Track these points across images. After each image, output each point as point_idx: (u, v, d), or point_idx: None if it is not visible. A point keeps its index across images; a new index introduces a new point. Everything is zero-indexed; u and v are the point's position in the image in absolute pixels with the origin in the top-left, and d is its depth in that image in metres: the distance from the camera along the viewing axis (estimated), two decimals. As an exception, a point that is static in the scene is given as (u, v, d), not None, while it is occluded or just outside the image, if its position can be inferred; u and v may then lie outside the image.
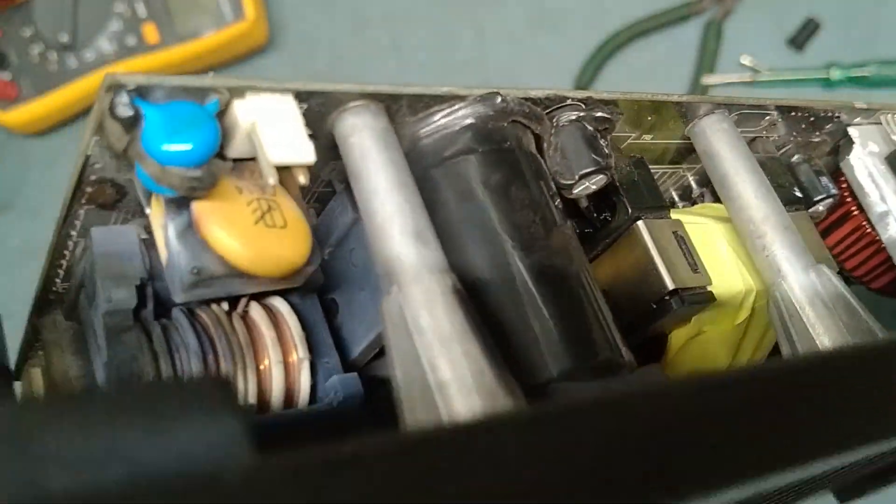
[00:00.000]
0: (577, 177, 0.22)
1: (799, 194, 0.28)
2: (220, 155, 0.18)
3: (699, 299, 0.23)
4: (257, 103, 0.18)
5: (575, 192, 0.22)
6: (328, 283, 0.22)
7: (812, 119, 0.29)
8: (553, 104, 0.22)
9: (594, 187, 0.23)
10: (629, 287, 0.24)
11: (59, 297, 0.22)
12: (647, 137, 0.26)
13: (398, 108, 0.20)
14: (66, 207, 0.19)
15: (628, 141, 0.26)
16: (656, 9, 0.69)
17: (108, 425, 0.11)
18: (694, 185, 0.29)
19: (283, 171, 0.18)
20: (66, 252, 0.21)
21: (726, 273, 0.25)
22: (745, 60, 0.67)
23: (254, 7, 0.63)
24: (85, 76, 0.62)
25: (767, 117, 0.27)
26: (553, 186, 0.22)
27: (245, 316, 0.20)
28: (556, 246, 0.20)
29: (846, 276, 0.33)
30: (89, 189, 0.19)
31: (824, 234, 0.33)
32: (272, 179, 0.18)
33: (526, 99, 0.22)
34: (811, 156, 0.30)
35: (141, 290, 0.19)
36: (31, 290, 0.29)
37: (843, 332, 0.23)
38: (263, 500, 0.10)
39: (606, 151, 0.23)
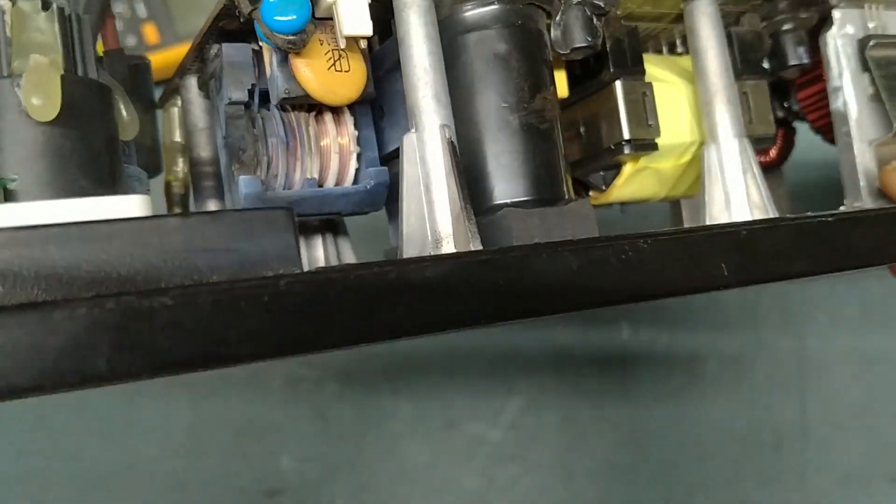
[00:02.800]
0: (569, 50, 0.30)
1: (766, 66, 0.35)
2: (312, 13, 0.27)
3: (645, 147, 0.32)
4: (339, -12, 0.26)
5: (568, 57, 0.30)
6: (380, 95, 0.31)
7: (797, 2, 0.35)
8: (564, -11, 0.30)
9: (583, 55, 0.31)
10: (598, 128, 0.33)
11: (198, 69, 0.31)
12: (648, 8, 0.33)
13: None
14: (210, 23, 0.28)
15: (632, 8, 0.33)
16: None
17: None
18: (679, 42, 0.36)
19: (352, 33, 0.27)
20: (206, 46, 0.30)
21: (679, 125, 0.33)
22: None
23: None
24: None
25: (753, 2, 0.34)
26: (549, 55, 0.30)
27: (319, 116, 0.30)
28: (535, 108, 0.28)
29: (813, 128, 0.41)
30: (223, 21, 0.28)
31: (801, 87, 0.40)
32: (342, 43, 0.26)
33: (541, -14, 0.29)
34: (798, 26, 0.37)
35: (251, 92, 0.29)
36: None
37: (739, 193, 0.31)
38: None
39: (598, 32, 0.30)
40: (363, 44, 0.27)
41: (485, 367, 0.65)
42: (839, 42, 0.36)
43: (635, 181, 0.34)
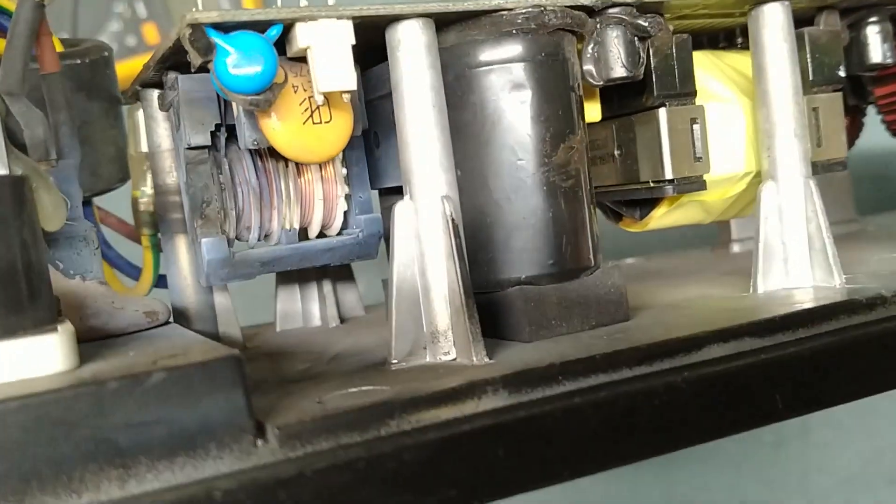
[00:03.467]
0: (603, 81, 0.24)
1: (842, 74, 0.29)
2: (282, 51, 0.22)
3: (692, 187, 0.27)
4: (316, 29, 0.21)
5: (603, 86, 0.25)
6: (374, 120, 0.26)
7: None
8: (602, 6, 0.24)
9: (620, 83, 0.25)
10: (636, 156, 0.27)
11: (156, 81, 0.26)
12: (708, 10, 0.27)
13: (449, 20, 0.23)
14: (161, 56, 0.23)
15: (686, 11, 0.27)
16: None
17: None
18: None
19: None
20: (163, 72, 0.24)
21: (732, 154, 0.28)
22: None
23: (253, 7, 0.61)
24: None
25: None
26: (579, 88, 0.24)
27: (298, 152, 0.25)
28: (558, 162, 0.23)
29: (889, 130, 0.35)
30: (175, 56, 0.22)
31: (878, 81, 0.34)
32: (319, 98, 0.21)
33: (573, 7, 0.23)
34: (883, 18, 0.30)
35: (215, 133, 0.24)
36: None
37: (799, 236, 0.26)
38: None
39: (641, 59, 0.25)
40: (346, 97, 0.22)
41: None
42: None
43: (676, 213, 0.29)
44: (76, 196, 0.24)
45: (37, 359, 0.17)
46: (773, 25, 0.26)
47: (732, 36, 0.31)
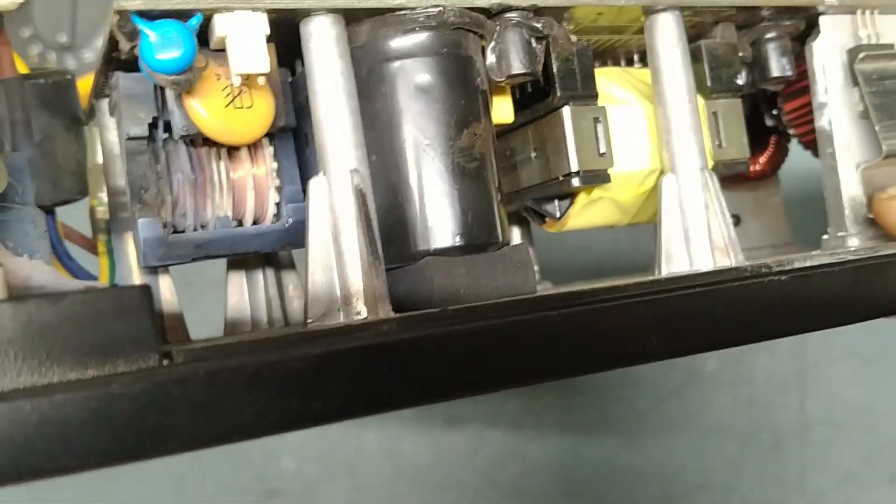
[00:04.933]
0: (505, 77, 0.27)
1: (740, 82, 0.32)
2: (206, 43, 0.24)
3: (596, 179, 0.29)
4: (232, 20, 0.23)
5: (504, 84, 0.28)
6: (303, 121, 0.28)
7: (780, 9, 0.32)
8: (499, 9, 0.27)
9: (522, 81, 0.28)
10: (546, 155, 0.30)
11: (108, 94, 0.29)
12: (604, 22, 0.30)
13: (358, 18, 0.25)
14: (104, 52, 0.26)
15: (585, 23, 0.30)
16: None
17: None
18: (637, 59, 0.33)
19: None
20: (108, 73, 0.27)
21: (637, 152, 0.30)
22: None
23: None
24: (84, 76, 0.55)
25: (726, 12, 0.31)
26: (483, 83, 0.27)
27: (234, 148, 0.27)
28: (462, 145, 0.26)
29: (801, 143, 0.37)
30: (115, 52, 0.25)
31: (787, 97, 0.36)
32: (236, 81, 0.24)
33: (472, 8, 0.26)
34: (782, 34, 0.33)
35: (153, 125, 0.26)
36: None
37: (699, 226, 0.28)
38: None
39: (538, 57, 0.27)
40: (261, 80, 0.24)
41: None
42: (826, 52, 0.32)
43: (591, 211, 0.31)
44: (27, 184, 0.27)
45: None
46: (666, 31, 0.29)
47: (645, 56, 0.34)
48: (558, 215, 0.31)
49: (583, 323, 0.21)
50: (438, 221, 0.26)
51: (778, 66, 0.33)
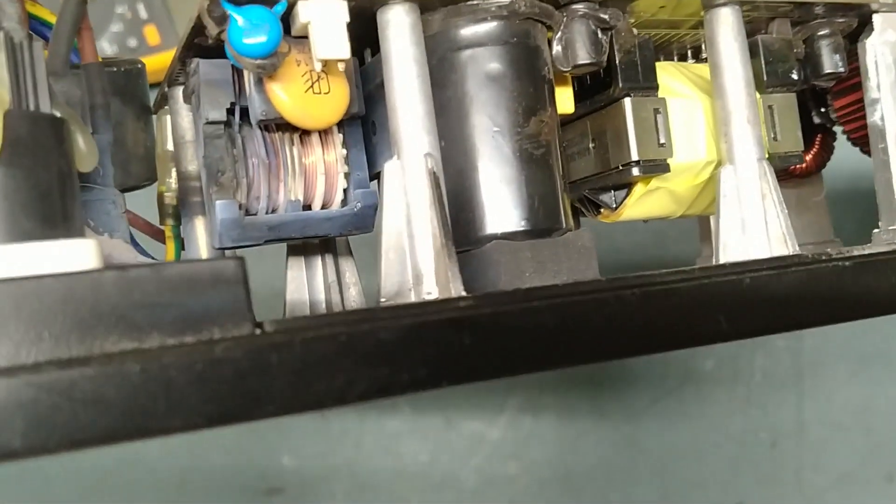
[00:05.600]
0: (571, 67, 0.28)
1: (795, 77, 0.32)
2: (288, 30, 0.25)
3: (656, 168, 0.30)
4: (315, 6, 0.24)
5: (572, 73, 0.28)
6: (371, 110, 0.29)
7: (835, 6, 0.32)
8: (567, 1, 0.27)
9: (587, 71, 0.28)
10: (607, 145, 0.30)
11: (184, 80, 0.30)
12: (664, 15, 0.31)
13: (433, 7, 0.26)
14: (185, 39, 0.27)
15: (646, 16, 0.30)
16: None
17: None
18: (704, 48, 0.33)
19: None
20: (186, 60, 0.28)
21: (696, 143, 0.31)
22: None
23: None
24: None
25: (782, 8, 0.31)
26: (549, 73, 0.28)
27: (305, 134, 0.28)
28: (529, 132, 0.26)
29: (850, 139, 0.38)
30: (198, 38, 0.26)
31: (837, 94, 0.37)
32: (318, 66, 0.25)
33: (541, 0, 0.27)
34: (835, 31, 0.34)
35: (231, 110, 0.27)
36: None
37: (758, 219, 0.29)
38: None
39: (603, 48, 0.28)
40: (341, 66, 0.25)
41: None
42: (879, 50, 0.33)
43: (647, 201, 0.31)
44: (108, 166, 0.28)
45: (71, 258, 0.20)
46: (726, 25, 0.30)
47: (698, 52, 0.35)
48: (614, 206, 0.32)
49: (657, 303, 0.22)
50: (505, 206, 0.26)
51: (831, 62, 0.33)
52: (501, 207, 0.26)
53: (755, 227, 0.29)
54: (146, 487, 0.64)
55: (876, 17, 0.33)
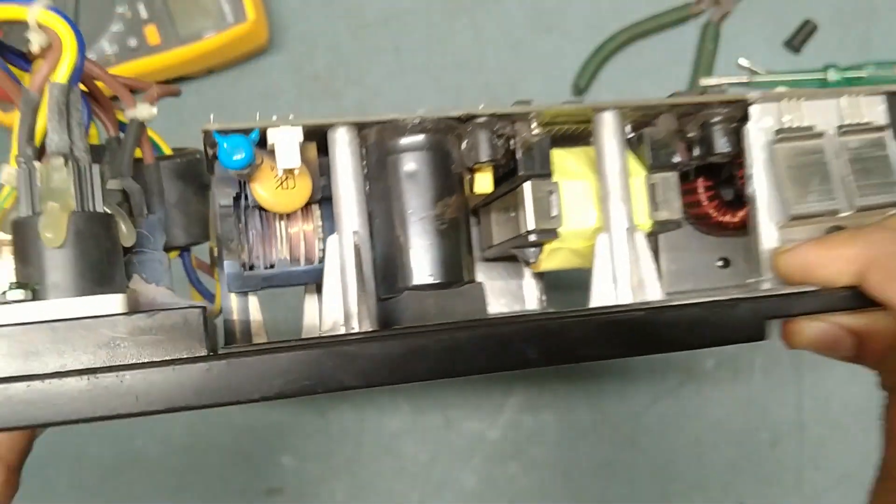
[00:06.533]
0: (474, 164, 0.38)
1: (675, 160, 0.41)
2: (264, 145, 0.37)
3: (548, 235, 0.39)
4: (278, 132, 0.36)
5: (476, 167, 0.39)
6: (342, 192, 0.40)
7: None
8: (467, 118, 0.38)
9: (489, 166, 0.39)
10: (517, 215, 0.40)
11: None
12: (563, 118, 0.40)
13: (368, 125, 0.37)
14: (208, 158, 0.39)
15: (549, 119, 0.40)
16: (654, 10, 0.68)
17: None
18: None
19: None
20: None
21: (586, 214, 0.40)
22: (743, 62, 0.66)
23: (255, 9, 0.61)
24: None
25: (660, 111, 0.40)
26: (458, 168, 0.38)
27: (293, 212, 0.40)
28: (437, 213, 0.37)
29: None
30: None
31: (739, 166, 0.45)
32: (281, 172, 0.36)
33: (448, 117, 0.37)
34: (723, 119, 0.42)
35: (237, 197, 0.39)
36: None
37: (626, 279, 0.38)
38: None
39: (499, 150, 0.38)
40: (296, 171, 0.36)
41: None
42: (754, 134, 0.41)
43: (556, 257, 0.41)
44: (158, 236, 0.40)
45: (108, 306, 0.33)
46: (608, 125, 0.39)
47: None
48: (532, 260, 0.42)
49: (489, 333, 0.32)
50: (417, 266, 0.37)
51: (719, 144, 0.42)
52: (415, 267, 0.37)
53: (622, 281, 0.38)
54: (146, 487, 0.64)
55: (752, 108, 0.41)
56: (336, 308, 0.36)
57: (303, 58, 0.68)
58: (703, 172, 0.45)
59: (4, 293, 0.32)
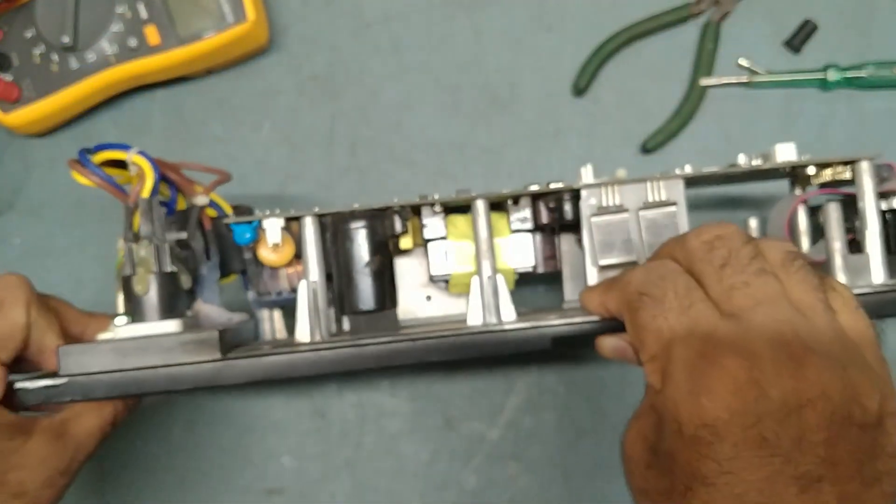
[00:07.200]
0: (392, 234, 0.61)
1: (528, 226, 0.63)
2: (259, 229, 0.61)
3: (441, 279, 0.62)
4: (268, 222, 0.60)
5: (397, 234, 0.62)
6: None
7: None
8: (387, 208, 0.61)
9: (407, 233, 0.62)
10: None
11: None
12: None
13: (327, 214, 0.61)
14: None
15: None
16: (655, 10, 0.67)
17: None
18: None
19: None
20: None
21: (466, 265, 0.62)
22: (743, 62, 0.66)
23: (255, 9, 0.60)
24: (86, 77, 0.59)
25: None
26: (386, 235, 0.61)
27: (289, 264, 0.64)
28: (370, 264, 0.60)
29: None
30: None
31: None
32: (271, 244, 0.60)
33: (373, 209, 0.60)
34: (562, 199, 0.63)
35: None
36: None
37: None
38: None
39: (408, 224, 0.61)
40: (281, 242, 0.60)
41: (483, 366, 0.68)
42: (583, 209, 0.62)
43: (457, 286, 0.64)
44: (212, 277, 0.65)
45: (170, 327, 0.58)
46: (478, 208, 0.61)
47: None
48: (445, 287, 0.64)
49: (392, 342, 0.55)
50: (358, 298, 0.61)
51: (566, 212, 0.63)
52: (357, 299, 0.61)
53: (489, 307, 0.61)
54: (146, 487, 0.65)
55: (582, 192, 0.62)
56: (303, 328, 0.60)
57: (303, 58, 0.67)
58: (567, 230, 0.66)
59: (115, 319, 0.58)
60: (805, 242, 0.64)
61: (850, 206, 0.59)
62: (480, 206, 0.61)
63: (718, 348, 0.38)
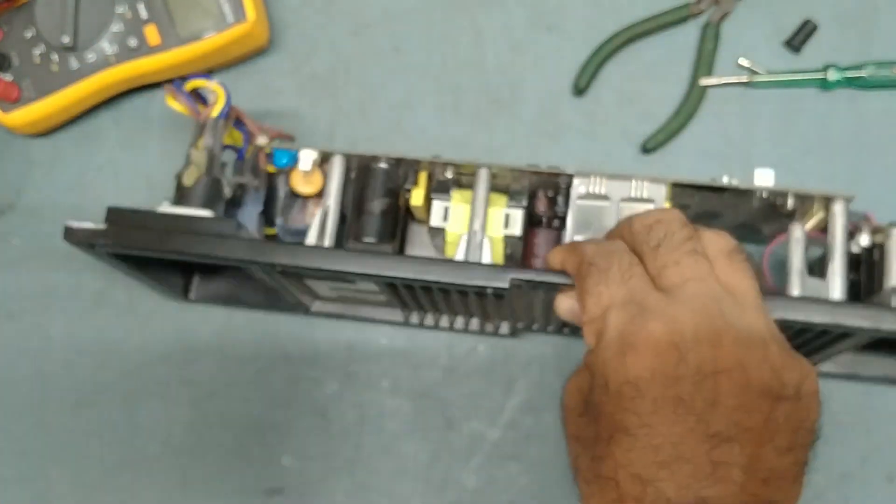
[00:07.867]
0: (407, 186, 0.72)
1: (522, 202, 0.72)
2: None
3: (438, 233, 0.72)
4: (304, 153, 0.71)
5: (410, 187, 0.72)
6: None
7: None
8: (410, 160, 0.71)
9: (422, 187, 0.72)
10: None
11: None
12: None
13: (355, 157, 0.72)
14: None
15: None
16: (655, 10, 0.66)
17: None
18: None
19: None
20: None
21: (463, 223, 0.72)
22: (743, 62, 0.66)
23: (255, 8, 0.59)
24: (86, 77, 0.57)
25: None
26: (397, 185, 0.72)
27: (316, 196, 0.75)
28: (380, 204, 0.71)
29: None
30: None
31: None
32: (303, 171, 0.72)
33: (400, 158, 0.71)
34: (559, 186, 0.73)
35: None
36: (34, 288, 0.52)
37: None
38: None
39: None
40: (312, 173, 0.71)
41: (484, 366, 0.66)
42: (574, 195, 0.71)
43: (450, 245, 0.74)
44: (257, 204, 0.76)
45: (206, 214, 0.69)
46: (480, 177, 0.71)
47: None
48: (441, 245, 0.74)
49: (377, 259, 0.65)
50: (363, 229, 0.71)
51: (560, 202, 0.73)
52: (362, 230, 0.71)
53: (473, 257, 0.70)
54: (146, 487, 0.63)
55: (574, 180, 0.71)
56: (312, 237, 0.70)
57: (303, 58, 0.67)
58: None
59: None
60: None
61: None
62: (483, 173, 0.71)
63: (646, 315, 0.42)
